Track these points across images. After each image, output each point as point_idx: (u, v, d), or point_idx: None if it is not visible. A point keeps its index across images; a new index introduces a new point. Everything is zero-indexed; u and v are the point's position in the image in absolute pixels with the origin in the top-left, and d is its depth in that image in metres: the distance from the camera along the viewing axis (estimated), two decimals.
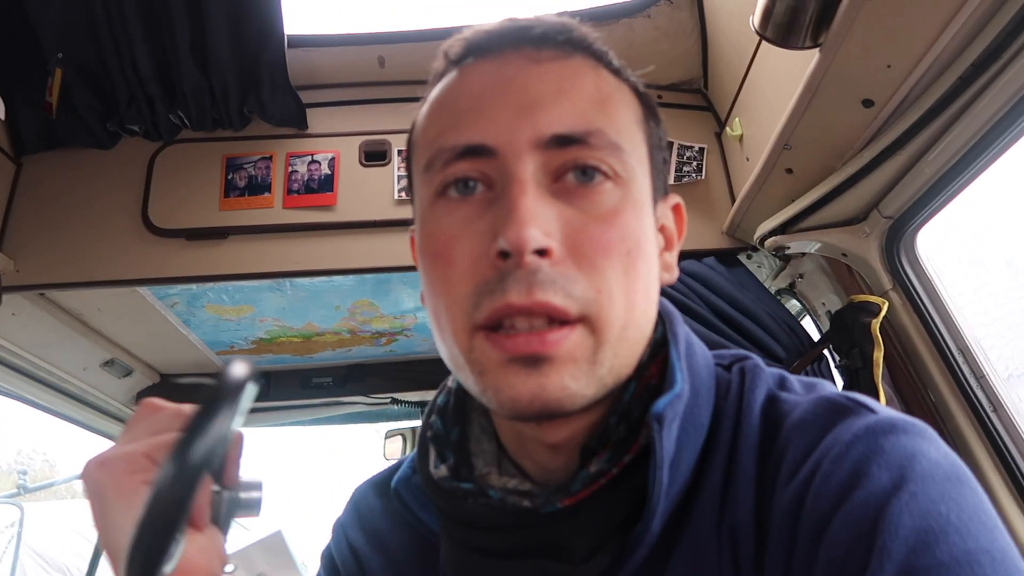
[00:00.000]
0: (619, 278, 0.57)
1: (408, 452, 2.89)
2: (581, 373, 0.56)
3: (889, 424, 0.55)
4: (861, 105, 1.27)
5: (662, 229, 0.69)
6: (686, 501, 0.60)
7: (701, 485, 0.60)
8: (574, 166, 0.58)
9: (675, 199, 0.72)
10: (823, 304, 1.78)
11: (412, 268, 0.77)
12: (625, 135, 0.61)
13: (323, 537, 0.84)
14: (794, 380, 0.67)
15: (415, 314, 2.45)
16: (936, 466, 0.51)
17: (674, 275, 0.70)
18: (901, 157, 1.32)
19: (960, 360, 1.45)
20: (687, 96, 2.02)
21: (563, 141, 0.58)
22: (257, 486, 0.60)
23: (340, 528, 0.81)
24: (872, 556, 0.47)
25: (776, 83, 1.50)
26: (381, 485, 0.81)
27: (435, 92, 0.66)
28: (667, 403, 0.58)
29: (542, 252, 0.55)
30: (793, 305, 1.95)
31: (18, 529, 5.20)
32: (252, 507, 0.59)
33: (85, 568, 2.85)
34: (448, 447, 0.70)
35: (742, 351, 0.72)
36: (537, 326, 0.55)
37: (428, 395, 2.80)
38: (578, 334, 0.55)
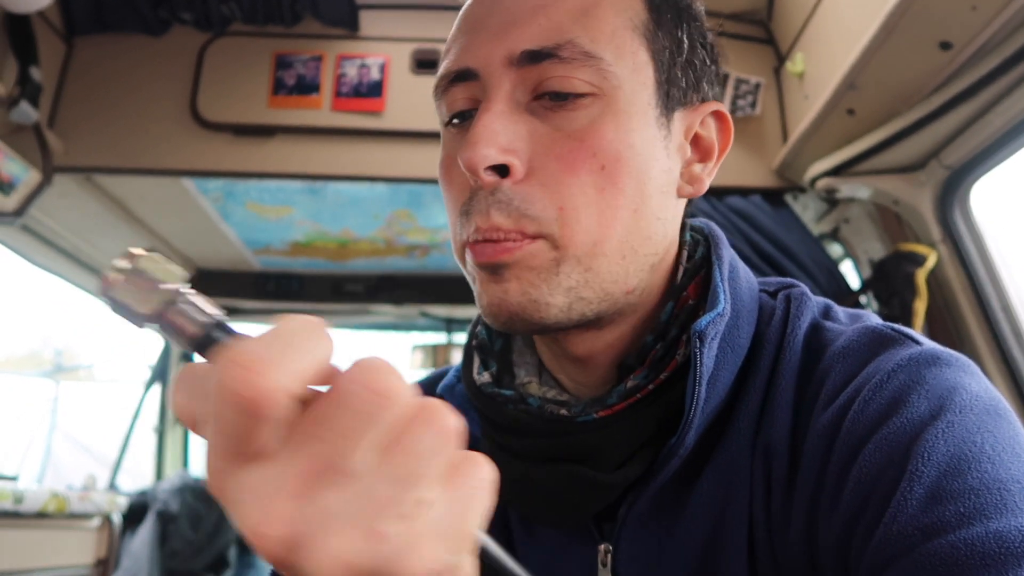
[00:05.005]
0: (589, 195, 0.57)
1: (430, 363, 2.97)
2: (541, 281, 0.57)
3: (933, 356, 0.55)
4: (938, 47, 1.22)
5: (695, 139, 0.66)
6: (721, 419, 0.61)
7: (738, 406, 0.61)
8: (547, 88, 0.58)
9: (714, 105, 0.67)
10: (866, 251, 1.76)
11: None
12: (607, 43, 0.59)
13: None
14: (839, 310, 0.67)
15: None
16: (976, 399, 0.51)
17: (700, 189, 0.66)
18: (971, 105, 1.28)
19: (1002, 318, 1.44)
20: (748, 27, 1.96)
21: (533, 57, 0.57)
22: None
23: None
24: (903, 478, 0.48)
25: (847, 19, 1.45)
26: (424, 387, 0.83)
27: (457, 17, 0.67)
28: (709, 321, 0.58)
29: (504, 171, 0.56)
30: (834, 250, 1.93)
31: (53, 406, 5.40)
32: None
33: (114, 452, 2.97)
34: (492, 356, 0.71)
35: (789, 279, 0.71)
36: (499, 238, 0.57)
37: (456, 310, 2.84)
38: (537, 246, 0.57)
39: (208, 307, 0.34)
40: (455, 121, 0.63)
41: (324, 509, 0.30)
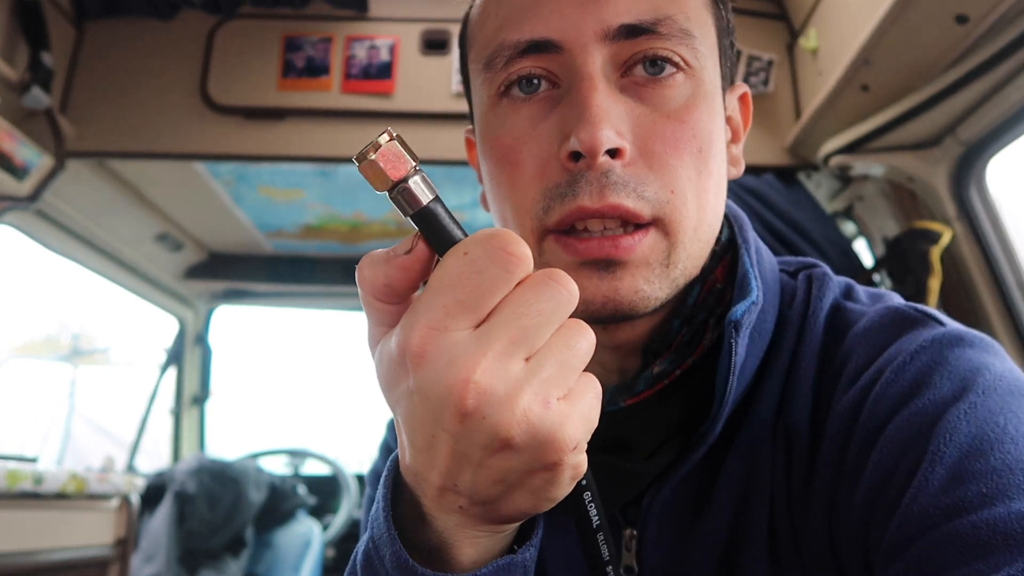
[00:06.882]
0: (691, 177, 0.56)
1: None
2: (655, 276, 0.56)
3: (956, 336, 0.54)
4: (954, 21, 1.20)
5: (728, 120, 0.66)
6: (745, 403, 0.61)
7: (760, 389, 0.61)
8: (643, 57, 0.56)
9: (742, 88, 0.69)
10: (880, 229, 1.75)
11: (466, 163, 0.75)
12: (695, 20, 0.58)
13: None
14: (861, 290, 0.66)
15: (464, 211, 2.45)
16: (1000, 379, 0.51)
17: (740, 169, 0.68)
18: (987, 80, 1.26)
19: (1018, 296, 1.42)
20: (760, 3, 1.93)
21: (631, 31, 0.55)
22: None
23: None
24: (924, 458, 0.47)
25: None
26: None
27: None
28: (744, 310, 0.57)
29: (613, 152, 0.53)
30: (848, 228, 1.92)
31: (71, 389, 5.46)
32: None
33: (132, 434, 3.00)
34: None
35: (808, 259, 0.70)
36: (610, 229, 0.54)
37: None
38: (652, 238, 0.55)
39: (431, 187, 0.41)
40: (518, 89, 0.58)
41: (517, 374, 0.37)
